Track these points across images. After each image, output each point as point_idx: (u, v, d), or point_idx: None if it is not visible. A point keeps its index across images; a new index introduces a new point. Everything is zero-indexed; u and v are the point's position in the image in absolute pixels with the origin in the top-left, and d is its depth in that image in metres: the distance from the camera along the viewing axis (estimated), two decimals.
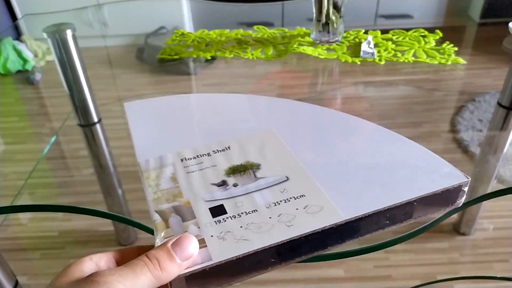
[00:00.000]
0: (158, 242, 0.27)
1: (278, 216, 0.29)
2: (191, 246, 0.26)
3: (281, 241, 0.27)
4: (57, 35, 0.68)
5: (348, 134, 0.39)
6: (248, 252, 0.27)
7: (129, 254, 0.28)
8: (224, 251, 0.27)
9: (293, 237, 0.27)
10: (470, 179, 0.31)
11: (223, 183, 0.32)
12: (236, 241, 0.27)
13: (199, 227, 0.29)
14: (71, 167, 1.15)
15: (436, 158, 0.34)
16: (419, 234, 0.43)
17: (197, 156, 0.35)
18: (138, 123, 0.41)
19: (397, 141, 0.37)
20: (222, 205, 0.30)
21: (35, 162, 0.86)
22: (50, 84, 1.69)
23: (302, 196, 0.30)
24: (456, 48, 0.87)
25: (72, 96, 0.76)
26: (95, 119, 0.80)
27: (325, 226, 0.28)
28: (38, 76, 1.64)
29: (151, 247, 0.27)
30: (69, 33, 0.69)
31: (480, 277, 0.89)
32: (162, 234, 0.28)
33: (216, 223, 0.29)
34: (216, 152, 0.36)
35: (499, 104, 0.80)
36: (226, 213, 0.30)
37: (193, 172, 0.34)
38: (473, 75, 1.06)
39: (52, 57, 0.72)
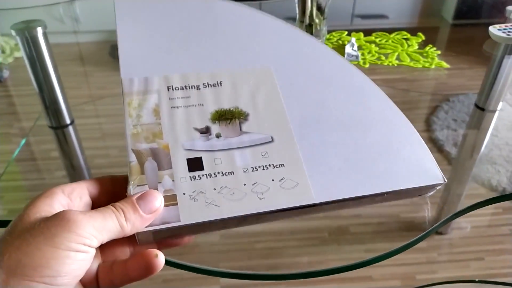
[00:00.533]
0: (130, 188, 0.28)
1: (253, 184, 0.29)
2: (156, 202, 0.27)
3: (249, 213, 0.28)
4: (26, 32, 0.65)
5: (351, 95, 0.35)
6: (216, 218, 0.27)
7: (102, 185, 0.28)
8: (193, 214, 0.27)
9: (261, 211, 0.28)
10: (446, 181, 0.31)
11: (206, 130, 0.31)
12: (207, 205, 0.28)
13: (173, 180, 0.28)
14: (42, 169, 1.11)
15: (422, 148, 0.33)
16: (412, 246, 0.43)
17: (185, 87, 0.32)
18: (127, 29, 0.35)
19: (395, 117, 0.34)
20: (200, 158, 0.30)
21: (4, 164, 0.82)
22: (18, 82, 1.62)
23: (281, 165, 0.30)
24: (439, 52, 0.88)
25: (42, 97, 0.73)
26: (68, 121, 0.77)
27: (295, 206, 0.28)
28: (6, 73, 1.57)
29: (124, 177, 0.29)
30: (39, 30, 0.66)
31: (460, 281, 0.90)
32: (136, 181, 0.28)
33: (191, 179, 0.29)
34: (206, 87, 0.33)
35: (476, 105, 0.81)
36: (203, 169, 0.29)
37: (178, 107, 0.31)
38: (446, 75, 1.08)
39: (21, 53, 0.68)
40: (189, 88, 0.32)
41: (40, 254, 0.22)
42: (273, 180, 0.29)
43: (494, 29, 0.73)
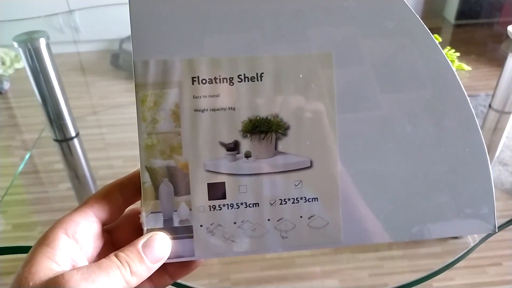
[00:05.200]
0: (144, 215, 0.25)
1: (278, 221, 0.26)
2: (164, 251, 0.24)
3: (267, 252, 0.26)
4: (29, 44, 0.63)
5: (434, 112, 0.26)
6: (231, 255, 0.25)
7: (110, 201, 0.25)
8: (209, 249, 0.25)
9: (280, 252, 0.26)
10: (497, 232, 0.28)
11: (234, 147, 0.25)
12: (224, 240, 0.25)
13: (190, 209, 0.25)
14: (45, 182, 1.09)
15: (488, 189, 0.27)
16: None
17: (215, 79, 0.25)
18: None
19: (474, 143, 0.27)
20: (223, 184, 0.25)
21: (6, 177, 0.80)
22: (19, 94, 1.60)
23: (314, 199, 0.26)
24: (458, 54, 0.85)
25: (46, 110, 0.71)
26: (73, 134, 0.75)
27: (318, 247, 0.26)
28: (6, 85, 1.55)
29: (132, 179, 0.26)
30: (42, 41, 0.64)
31: None
32: (149, 207, 0.25)
33: (211, 209, 0.25)
34: (241, 81, 0.25)
35: (490, 107, 0.79)
36: (225, 197, 0.25)
37: (203, 111, 0.25)
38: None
39: (22, 64, 0.66)
40: (220, 81, 0.25)
41: None
42: (301, 217, 0.26)
43: None
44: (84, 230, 0.24)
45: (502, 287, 0.90)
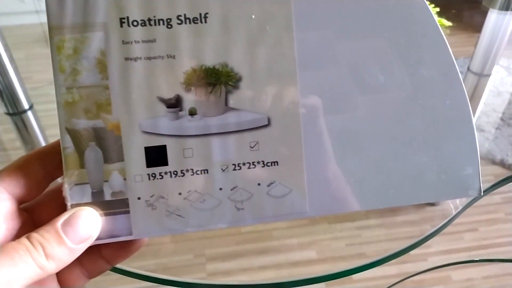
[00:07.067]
0: (67, 188, 0.21)
1: (232, 189, 0.22)
2: (89, 227, 0.20)
3: (219, 227, 0.22)
4: None
5: (409, 49, 0.22)
6: (177, 232, 0.22)
7: (27, 174, 0.21)
8: (149, 226, 0.21)
9: (235, 226, 0.22)
10: (482, 195, 0.24)
11: (176, 103, 0.21)
12: (168, 215, 0.21)
13: (125, 178, 0.21)
14: (2, 160, 1.02)
15: (473, 150, 0.24)
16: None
17: (149, 20, 0.21)
18: None
19: (457, 96, 0.23)
20: (164, 147, 0.21)
21: None
22: None
23: (274, 163, 0.22)
24: (438, 9, 0.80)
25: None
26: (26, 106, 0.69)
27: (280, 220, 0.22)
28: None
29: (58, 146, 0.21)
30: None
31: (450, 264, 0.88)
32: (73, 177, 0.21)
33: (150, 178, 0.21)
34: (182, 22, 0.21)
35: (469, 69, 0.77)
36: (166, 163, 0.21)
37: (135, 60, 0.21)
38: None
39: None
40: (155, 23, 0.21)
41: None
42: (259, 184, 0.22)
43: None
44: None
45: (479, 252, 0.90)
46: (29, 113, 0.69)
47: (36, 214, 0.22)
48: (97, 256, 0.22)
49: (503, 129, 1.18)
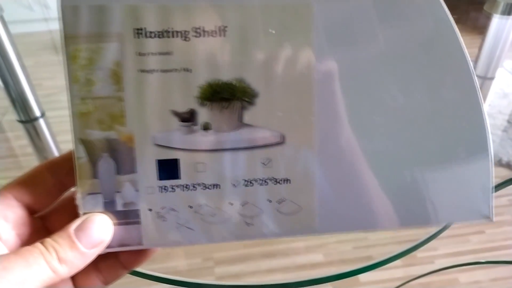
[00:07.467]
0: (80, 197, 0.21)
1: (242, 205, 0.22)
2: (102, 232, 0.21)
3: (228, 241, 0.22)
4: None
5: (434, 73, 0.22)
6: (186, 244, 0.22)
7: (36, 183, 0.22)
8: (160, 237, 0.22)
9: (243, 240, 0.22)
10: (493, 221, 0.25)
11: (190, 117, 0.21)
12: (177, 227, 0.22)
13: (137, 190, 0.21)
14: (11, 167, 1.04)
15: (485, 174, 0.24)
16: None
17: (166, 32, 0.20)
18: None
19: (476, 123, 0.23)
20: (176, 161, 0.22)
21: None
22: None
23: (286, 181, 0.22)
24: None
25: (7, 89, 0.66)
26: (38, 114, 0.70)
27: (288, 236, 0.23)
28: None
29: (68, 157, 0.22)
30: None
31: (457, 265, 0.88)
32: (86, 187, 0.21)
33: (161, 191, 0.22)
34: (199, 35, 0.21)
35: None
36: (178, 177, 0.22)
37: (151, 72, 0.21)
38: None
39: None
40: (172, 35, 0.20)
41: None
42: (270, 201, 0.22)
43: None
44: (0, 215, 0.20)
45: (485, 254, 0.90)
46: (41, 121, 0.71)
47: (50, 222, 0.23)
48: (114, 261, 0.23)
49: (509, 131, 1.18)
